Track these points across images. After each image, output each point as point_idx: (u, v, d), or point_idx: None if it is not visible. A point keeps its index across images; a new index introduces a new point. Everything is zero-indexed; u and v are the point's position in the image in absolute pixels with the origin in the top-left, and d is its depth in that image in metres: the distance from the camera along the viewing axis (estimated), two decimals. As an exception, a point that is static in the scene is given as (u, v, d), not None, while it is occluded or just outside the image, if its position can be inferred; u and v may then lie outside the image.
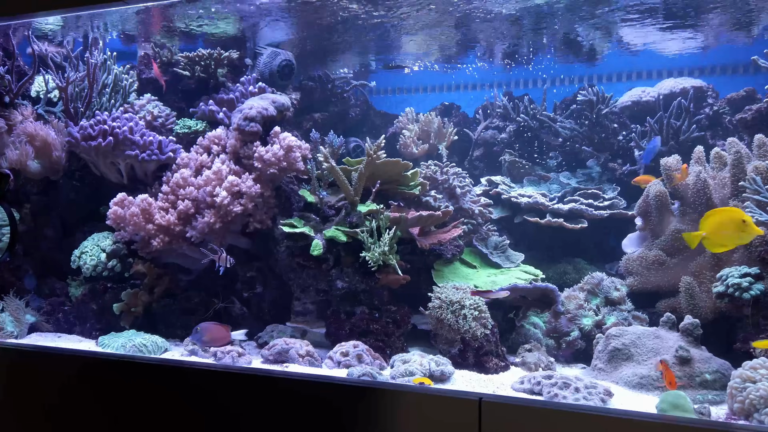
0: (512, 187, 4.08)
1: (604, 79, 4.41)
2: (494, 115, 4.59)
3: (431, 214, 2.86)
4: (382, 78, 4.89)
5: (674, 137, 3.59)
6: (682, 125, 3.55)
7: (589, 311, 3.02)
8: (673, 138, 3.59)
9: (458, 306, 2.63)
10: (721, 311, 2.56)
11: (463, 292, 2.74)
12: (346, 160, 3.17)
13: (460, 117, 4.83)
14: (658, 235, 3.13)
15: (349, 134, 4.60)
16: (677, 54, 4.08)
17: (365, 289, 2.84)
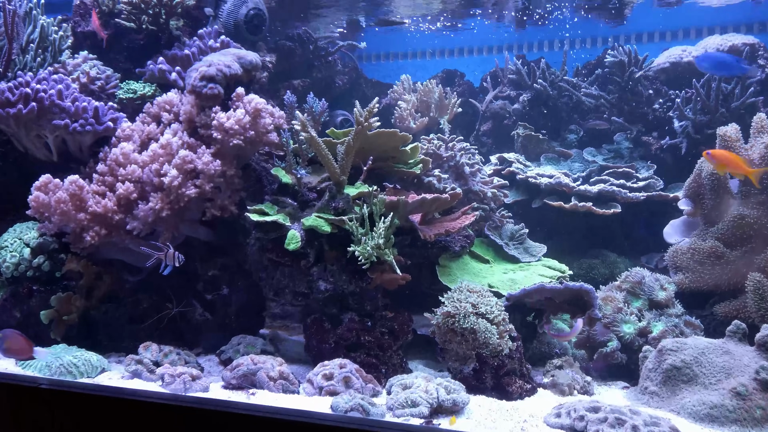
0: (528, 165, 3.57)
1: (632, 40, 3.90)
2: (505, 82, 4.07)
3: (437, 198, 2.35)
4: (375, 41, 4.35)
5: (724, 103, 3.08)
6: (734, 89, 3.04)
7: (630, 316, 2.53)
8: (723, 105, 3.08)
9: (474, 314, 2.12)
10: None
11: (478, 295, 2.24)
12: (331, 131, 2.64)
13: (465, 86, 4.30)
14: (713, 222, 2.63)
15: (335, 106, 4.07)
16: (723, 4, 3.56)
17: (354, 291, 2.34)
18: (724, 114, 3.06)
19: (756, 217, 2.43)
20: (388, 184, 2.97)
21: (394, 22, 3.83)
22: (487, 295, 2.28)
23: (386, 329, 2.34)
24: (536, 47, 4.29)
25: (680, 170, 3.39)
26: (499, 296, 2.55)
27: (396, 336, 2.34)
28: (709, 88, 3.08)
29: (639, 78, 3.40)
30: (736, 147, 2.55)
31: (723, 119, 3.08)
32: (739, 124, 2.67)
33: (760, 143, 2.48)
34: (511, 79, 3.98)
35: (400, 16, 3.92)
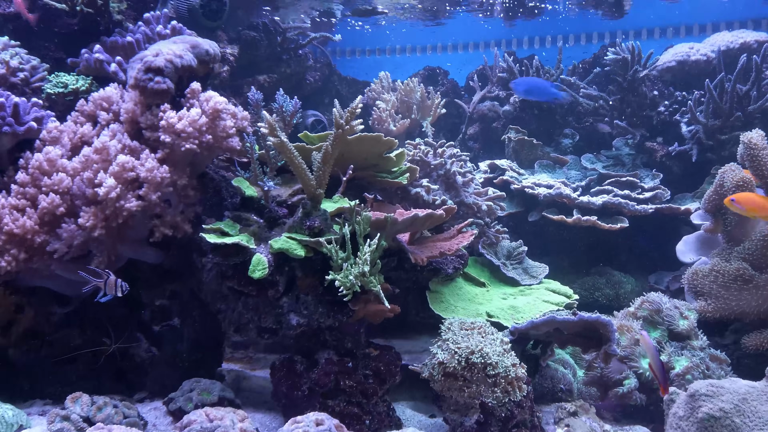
0: (522, 174, 3.30)
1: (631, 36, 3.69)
2: (494, 81, 3.80)
3: (430, 215, 2.04)
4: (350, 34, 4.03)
5: (739, 106, 2.86)
6: (750, 90, 2.83)
7: (649, 349, 2.25)
8: (737, 108, 2.87)
9: (479, 357, 1.82)
10: None
11: (480, 332, 1.93)
12: (305, 135, 2.31)
13: (449, 85, 4.03)
14: (737, 240, 2.40)
15: (306, 106, 3.73)
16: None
17: (333, 325, 2.01)
18: (739, 118, 2.85)
19: (791, 236, 2.20)
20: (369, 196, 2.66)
21: (373, 11, 3.52)
22: (489, 331, 1.98)
23: (370, 371, 2.01)
24: (527, 43, 4.05)
25: (688, 179, 3.18)
26: (500, 327, 2.26)
27: (382, 379, 2.01)
28: (722, 90, 2.87)
29: (643, 77, 3.17)
30: (763, 156, 2.32)
31: (738, 124, 2.87)
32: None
33: (792, 152, 2.25)
34: (501, 77, 3.72)
35: (381, 7, 3.61)
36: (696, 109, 2.93)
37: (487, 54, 3.80)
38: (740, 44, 3.09)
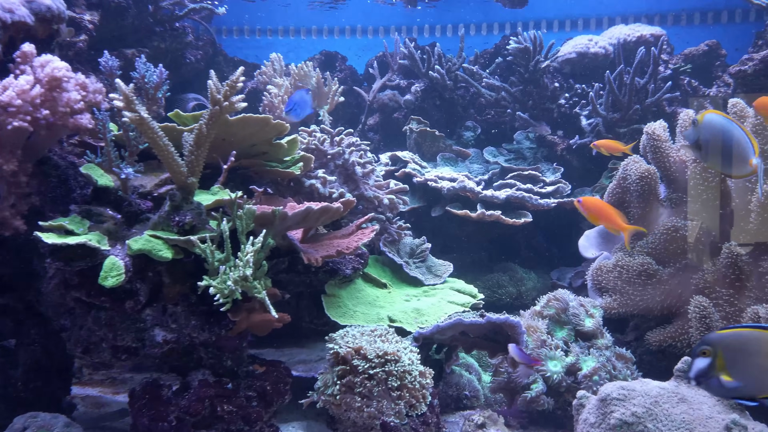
0: (425, 166, 3.14)
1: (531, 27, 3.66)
2: (395, 69, 3.62)
3: (326, 209, 1.80)
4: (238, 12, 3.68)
5: (637, 99, 2.88)
6: (647, 84, 2.85)
7: (555, 350, 2.17)
8: (635, 101, 2.88)
9: (378, 370, 1.60)
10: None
11: (382, 339, 1.72)
12: (176, 114, 1.98)
13: (347, 71, 3.80)
14: (640, 234, 2.37)
15: (186, 88, 3.35)
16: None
17: (209, 340, 1.71)
18: (637, 111, 2.86)
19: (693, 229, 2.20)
20: (257, 188, 2.37)
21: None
22: (392, 339, 1.77)
23: (254, 392, 1.73)
24: (428, 31, 3.91)
25: (587, 173, 3.18)
26: (403, 333, 2.07)
27: (268, 401, 1.74)
28: (621, 82, 2.87)
29: (545, 68, 3.12)
30: (665, 147, 2.31)
31: (635, 117, 2.89)
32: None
33: (691, 144, 2.25)
34: (402, 65, 3.55)
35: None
36: (596, 102, 2.91)
37: (388, 40, 3.61)
38: (637, 37, 3.13)
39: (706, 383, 1.23)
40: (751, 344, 1.21)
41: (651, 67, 2.80)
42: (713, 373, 1.21)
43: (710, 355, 1.21)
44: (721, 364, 1.21)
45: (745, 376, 1.20)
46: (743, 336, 1.22)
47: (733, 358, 1.20)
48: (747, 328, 1.24)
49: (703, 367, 1.22)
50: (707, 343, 1.23)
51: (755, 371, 1.20)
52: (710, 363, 1.21)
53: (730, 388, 1.20)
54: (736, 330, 1.26)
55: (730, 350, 1.21)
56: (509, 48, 3.14)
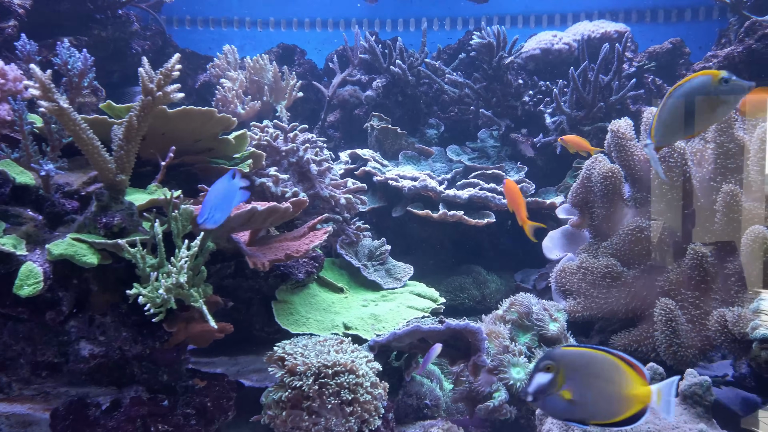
0: (386, 165, 3.04)
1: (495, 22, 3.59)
2: (355, 64, 3.51)
3: (273, 209, 1.67)
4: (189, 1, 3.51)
5: (601, 97, 2.83)
6: (612, 81, 2.80)
7: (518, 357, 2.09)
8: (600, 98, 2.83)
9: (330, 382, 1.49)
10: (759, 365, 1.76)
11: (336, 349, 1.61)
12: (108, 105, 1.82)
13: (306, 66, 3.67)
14: (604, 235, 2.32)
15: (133, 81, 3.17)
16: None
17: (142, 353, 1.57)
18: (601, 108, 2.81)
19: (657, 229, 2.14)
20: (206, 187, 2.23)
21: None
22: (346, 348, 1.66)
23: (193, 409, 1.60)
24: (390, 25, 3.81)
25: (551, 172, 3.12)
26: (360, 341, 1.96)
27: (209, 418, 1.61)
28: (585, 79, 2.82)
29: (508, 64, 3.05)
30: (630, 146, 2.25)
31: (600, 114, 2.84)
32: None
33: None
34: (363, 60, 3.44)
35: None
36: (561, 99, 2.85)
37: (349, 34, 3.50)
38: (602, 34, 3.09)
39: (543, 400, 1.14)
40: (594, 366, 1.14)
41: (615, 64, 2.76)
42: (553, 390, 1.13)
43: (553, 371, 1.13)
44: (561, 381, 1.13)
45: (583, 397, 1.12)
46: (587, 356, 1.15)
47: (574, 377, 1.13)
48: (593, 349, 1.16)
49: (544, 383, 1.13)
50: (551, 357, 1.14)
51: (593, 394, 1.13)
52: (552, 379, 1.13)
53: (566, 409, 1.13)
54: (582, 349, 1.17)
55: (572, 368, 1.13)
56: (472, 43, 3.06)
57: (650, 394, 1.12)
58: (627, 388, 1.12)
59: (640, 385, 1.12)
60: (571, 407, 1.12)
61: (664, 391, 1.12)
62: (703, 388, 1.66)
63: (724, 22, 3.14)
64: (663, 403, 1.12)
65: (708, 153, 2.10)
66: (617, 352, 1.16)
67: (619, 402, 1.13)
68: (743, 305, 1.89)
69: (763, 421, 1.98)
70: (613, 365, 1.13)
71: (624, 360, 1.14)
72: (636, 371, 1.13)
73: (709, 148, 2.09)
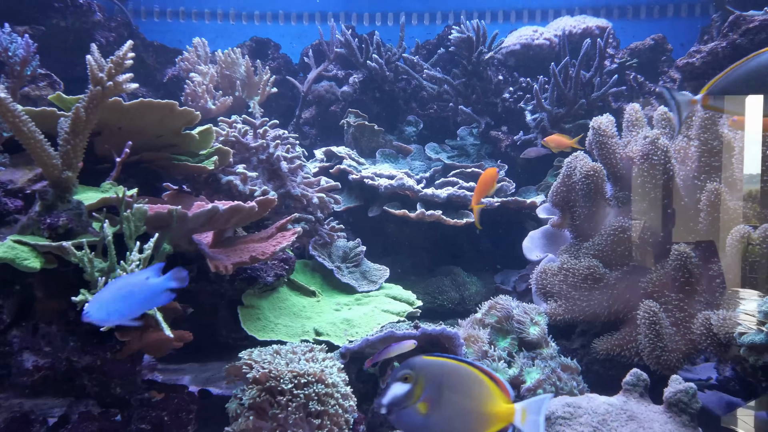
0: (362, 163, 2.95)
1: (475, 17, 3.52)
2: (331, 58, 3.41)
3: (236, 208, 1.57)
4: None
5: (583, 93, 2.77)
6: (593, 77, 2.74)
7: (498, 362, 2.01)
8: (581, 95, 2.77)
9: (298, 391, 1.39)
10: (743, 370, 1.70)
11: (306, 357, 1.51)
12: (57, 96, 1.71)
13: (281, 60, 3.56)
14: (586, 235, 2.25)
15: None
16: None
17: (93, 365, 1.46)
18: (582, 105, 2.75)
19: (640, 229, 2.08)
20: (172, 186, 2.13)
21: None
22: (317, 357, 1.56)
23: (149, 424, 1.49)
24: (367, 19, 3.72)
25: (532, 170, 3.06)
26: (332, 347, 1.87)
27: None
28: (566, 76, 2.75)
29: (488, 60, 2.97)
30: (612, 143, 2.19)
31: (581, 112, 2.78)
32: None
33: (638, 138, 2.14)
34: (339, 54, 3.34)
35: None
36: (541, 96, 2.79)
37: (324, 28, 3.40)
38: (583, 29, 3.03)
39: (398, 413, 1.04)
40: (455, 378, 1.04)
41: (597, 60, 2.70)
42: (409, 402, 1.03)
43: (411, 382, 1.03)
44: (418, 393, 1.03)
45: (440, 412, 1.03)
46: (448, 368, 1.05)
47: (432, 389, 1.03)
48: (456, 361, 1.06)
49: (399, 395, 1.03)
50: (410, 366, 1.04)
51: (451, 409, 1.03)
52: (408, 390, 1.03)
53: (421, 424, 1.03)
54: (444, 360, 1.07)
55: (431, 380, 1.03)
56: (451, 38, 2.98)
57: (513, 413, 1.02)
58: (489, 405, 1.03)
59: (503, 402, 1.03)
60: (426, 422, 1.02)
61: (531, 410, 1.03)
62: (689, 395, 1.60)
63: (707, 19, 3.11)
64: (528, 423, 1.02)
65: (692, 150, 2.05)
66: (482, 366, 1.07)
67: (480, 419, 1.03)
68: (728, 307, 1.83)
69: (742, 419, 1.94)
70: (475, 379, 1.04)
71: (488, 375, 1.05)
72: (500, 387, 1.04)
73: (693, 145, 2.04)
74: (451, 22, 3.59)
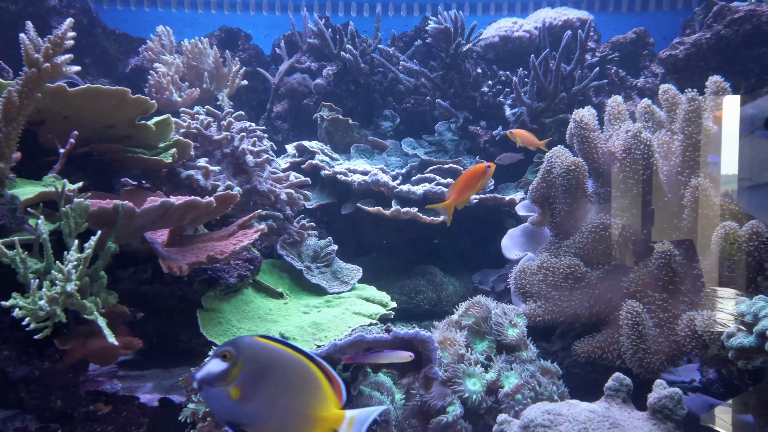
0: (336, 158, 2.84)
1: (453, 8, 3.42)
2: (304, 50, 3.29)
3: (192, 204, 1.46)
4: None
5: (563, 87, 2.70)
6: (574, 70, 2.67)
7: (475, 366, 1.92)
8: (562, 89, 2.70)
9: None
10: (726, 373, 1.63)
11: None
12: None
13: (252, 51, 3.44)
14: (566, 233, 2.17)
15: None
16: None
17: (30, 375, 1.33)
18: (563, 99, 2.68)
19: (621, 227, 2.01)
20: (131, 182, 2.01)
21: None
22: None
23: (95, 440, 1.37)
24: (342, 10, 3.61)
25: (511, 167, 2.98)
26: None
27: (115, 449, 1.38)
28: (547, 69, 2.68)
29: (466, 52, 2.88)
30: (594, 137, 2.11)
31: (562, 106, 2.71)
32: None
33: (621, 132, 2.06)
34: (313, 45, 3.23)
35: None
36: (521, 90, 2.71)
37: (297, 18, 3.28)
38: (563, 21, 2.96)
39: (207, 391, 0.93)
40: (283, 368, 0.93)
41: (578, 52, 2.62)
42: (221, 383, 0.92)
43: (229, 361, 0.92)
44: (235, 375, 0.92)
45: (254, 402, 0.91)
46: (279, 355, 0.93)
47: (251, 375, 0.92)
48: (292, 350, 0.94)
49: (214, 372, 0.92)
50: (233, 344, 0.94)
51: (268, 402, 0.92)
52: (225, 369, 0.92)
53: (229, 409, 0.91)
54: (277, 345, 0.94)
55: (253, 364, 0.92)
56: (428, 29, 2.89)
57: (342, 420, 0.91)
58: (314, 407, 0.92)
59: (333, 406, 0.92)
60: (236, 409, 0.91)
61: (359, 421, 0.92)
62: (674, 401, 1.52)
63: (689, 12, 3.06)
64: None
65: (676, 145, 1.98)
66: (320, 360, 0.95)
67: (301, 421, 0.92)
68: (713, 308, 1.77)
69: (720, 417, 1.89)
70: (306, 375, 0.92)
71: (325, 372, 0.94)
72: (334, 389, 0.93)
73: (677, 139, 1.97)
74: (429, 13, 3.50)
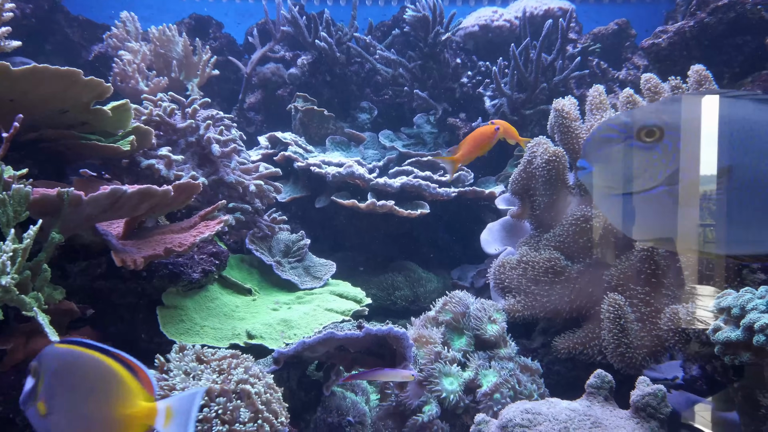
0: (310, 150, 2.75)
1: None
2: (277, 39, 3.20)
3: (147, 192, 1.37)
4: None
5: (544, 77, 2.64)
6: (555, 60, 2.61)
7: (452, 365, 1.85)
8: (543, 79, 2.64)
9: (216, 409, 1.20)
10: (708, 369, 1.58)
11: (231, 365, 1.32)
12: (-69, 61, 1.47)
13: (224, 40, 3.34)
14: (547, 226, 2.11)
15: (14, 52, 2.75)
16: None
17: (-32, 378, 1.22)
18: (544, 90, 2.62)
19: (603, 219, 1.95)
20: (90, 172, 1.90)
21: None
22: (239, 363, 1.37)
23: (39, 447, 1.26)
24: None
25: (492, 160, 2.92)
26: (266, 352, 1.68)
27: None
28: (527, 59, 2.62)
29: (445, 41, 2.81)
30: (575, 127, 2.05)
31: (542, 97, 2.65)
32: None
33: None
34: (287, 33, 3.13)
35: None
36: (501, 80, 2.64)
37: (270, 5, 3.19)
38: (545, 11, 2.91)
39: (27, 413, 0.85)
40: (77, 372, 0.84)
41: (559, 42, 2.57)
42: (32, 400, 0.84)
43: (35, 376, 0.84)
44: (39, 390, 0.84)
45: (59, 415, 0.83)
46: (73, 358, 0.85)
47: (51, 386, 0.84)
48: (87, 349, 0.85)
49: (26, 391, 0.85)
50: (38, 357, 0.86)
51: (67, 412, 0.83)
52: (32, 387, 0.84)
53: (41, 428, 0.83)
54: (71, 347, 0.85)
55: (51, 374, 0.84)
56: (406, 17, 2.82)
57: (154, 413, 0.82)
58: (120, 406, 0.83)
59: (142, 400, 0.84)
60: (45, 426, 0.82)
61: (178, 409, 0.83)
62: (658, 398, 1.46)
63: (671, 3, 3.02)
64: (174, 426, 0.82)
65: (658, 133, 1.92)
66: (121, 353, 0.86)
67: (106, 424, 0.83)
68: (697, 302, 1.72)
69: (699, 413, 1.84)
70: (104, 373, 0.84)
71: (128, 365, 0.85)
72: (141, 381, 0.84)
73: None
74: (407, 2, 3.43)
